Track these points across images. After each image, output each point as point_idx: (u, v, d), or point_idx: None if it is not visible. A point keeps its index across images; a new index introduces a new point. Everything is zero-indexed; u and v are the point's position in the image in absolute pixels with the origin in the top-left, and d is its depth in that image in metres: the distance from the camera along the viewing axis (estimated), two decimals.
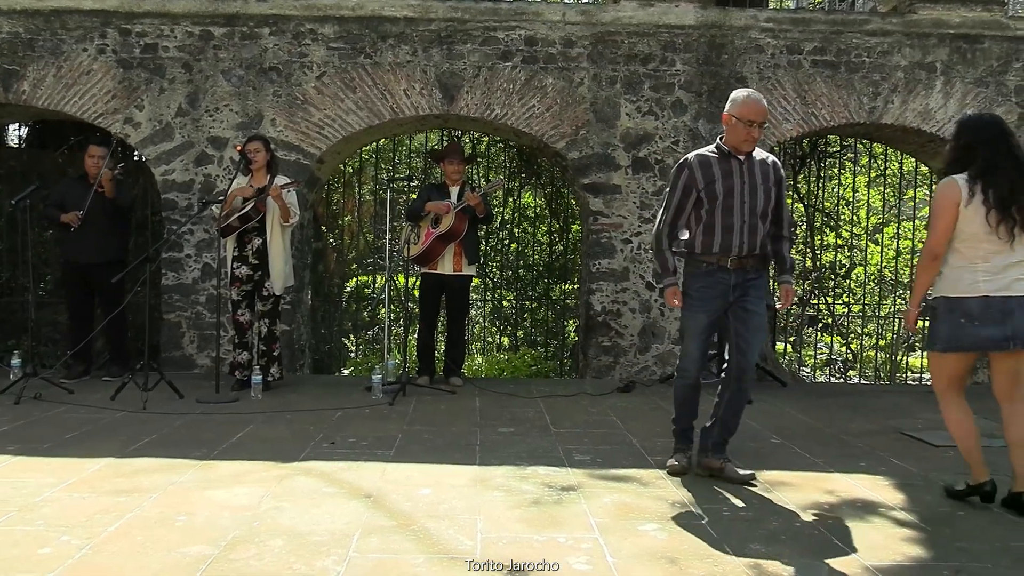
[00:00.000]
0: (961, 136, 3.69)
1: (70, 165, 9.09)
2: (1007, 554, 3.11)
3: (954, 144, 3.72)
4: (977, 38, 7.30)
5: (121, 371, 6.58)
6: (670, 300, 4.14)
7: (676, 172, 4.09)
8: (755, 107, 3.99)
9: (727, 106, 4.07)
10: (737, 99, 4.04)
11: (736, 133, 4.02)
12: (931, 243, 3.64)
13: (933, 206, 3.67)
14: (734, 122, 4.01)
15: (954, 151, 3.70)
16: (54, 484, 3.76)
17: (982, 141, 3.62)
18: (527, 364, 10.33)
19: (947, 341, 3.67)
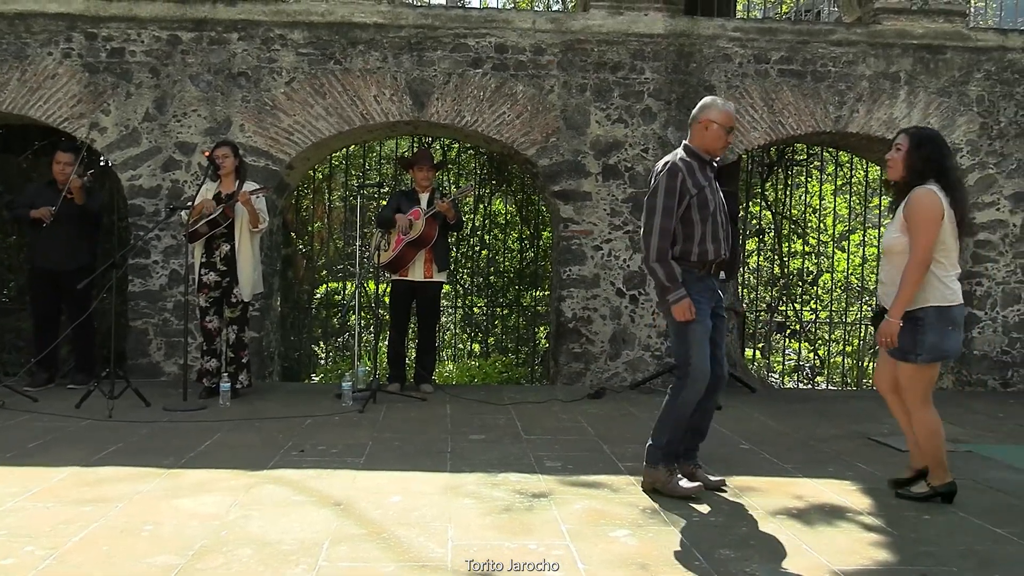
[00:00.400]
0: (923, 147, 3.77)
1: (34, 170, 8.95)
2: (972, 557, 3.16)
3: (919, 155, 3.77)
4: (939, 48, 7.44)
5: (86, 379, 6.48)
6: (684, 314, 3.80)
7: (668, 177, 3.86)
8: (731, 114, 4.02)
9: (703, 112, 4.00)
10: (716, 105, 4.01)
11: (717, 139, 3.98)
12: (925, 253, 3.70)
13: (921, 216, 3.70)
14: (715, 128, 3.96)
15: (922, 162, 3.76)
16: (18, 493, 3.70)
17: (946, 155, 3.80)
18: (498, 371, 10.33)
19: (936, 351, 3.76)
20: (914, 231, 3.71)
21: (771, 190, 11.35)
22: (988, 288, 7.56)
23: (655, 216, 3.85)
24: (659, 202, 3.86)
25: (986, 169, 7.49)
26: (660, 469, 3.91)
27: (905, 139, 3.83)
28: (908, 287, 3.70)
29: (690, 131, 4.06)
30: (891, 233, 3.85)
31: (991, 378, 7.55)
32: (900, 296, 3.72)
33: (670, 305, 3.83)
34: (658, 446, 3.93)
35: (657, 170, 3.98)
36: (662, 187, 3.86)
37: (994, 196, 7.52)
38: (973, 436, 5.47)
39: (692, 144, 4.03)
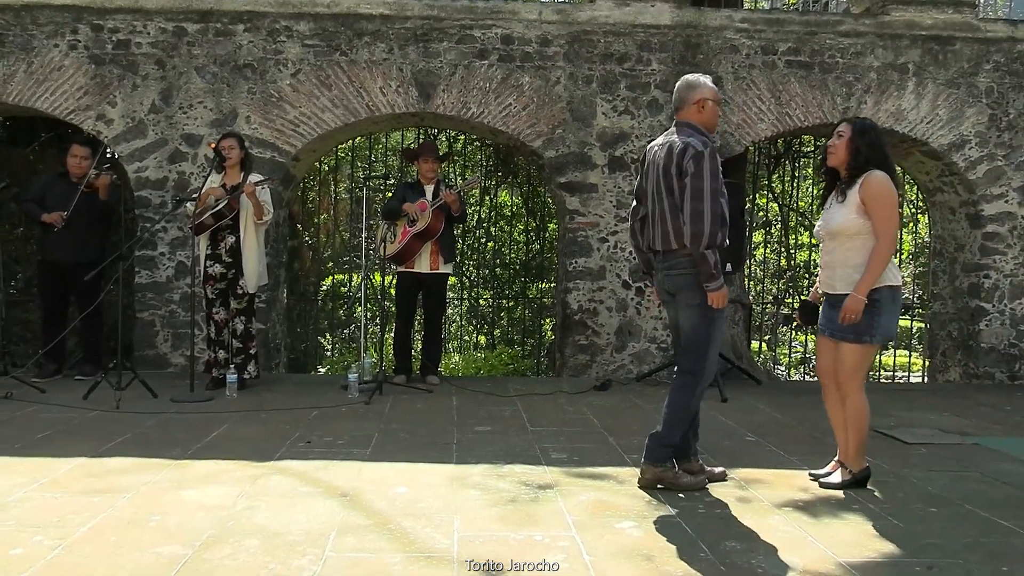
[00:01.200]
0: (867, 135, 3.87)
1: (41, 162, 8.97)
2: (979, 549, 3.15)
3: (863, 141, 3.85)
4: (949, 40, 7.39)
5: (94, 370, 6.51)
6: (723, 300, 3.73)
7: (712, 159, 3.69)
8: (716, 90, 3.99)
9: (695, 91, 3.89)
10: (705, 83, 3.93)
11: (714, 115, 3.92)
12: (894, 235, 3.81)
13: (887, 200, 3.79)
14: (711, 105, 3.89)
15: (866, 147, 3.84)
16: (26, 484, 3.71)
17: (885, 143, 3.94)
18: (504, 363, 10.34)
19: (887, 332, 3.86)
20: (882, 214, 3.78)
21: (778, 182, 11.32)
22: (996, 280, 7.53)
23: (704, 200, 3.66)
24: (706, 184, 3.66)
25: (995, 161, 7.45)
26: (667, 467, 3.86)
27: (847, 127, 3.91)
28: (879, 266, 3.77)
29: (681, 114, 3.93)
30: (842, 215, 3.86)
31: (998, 371, 7.53)
32: (869, 275, 3.76)
33: (710, 292, 3.70)
34: (669, 443, 3.85)
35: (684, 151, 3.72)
36: (707, 168, 3.67)
37: (1003, 188, 7.48)
38: (980, 429, 5.46)
39: (694, 123, 3.89)
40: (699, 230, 3.66)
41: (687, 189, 3.69)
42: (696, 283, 3.76)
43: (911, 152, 7.81)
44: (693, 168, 3.68)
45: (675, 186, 3.76)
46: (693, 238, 3.68)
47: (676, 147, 3.77)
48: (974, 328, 7.58)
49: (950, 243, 7.97)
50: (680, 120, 3.93)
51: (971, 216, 7.63)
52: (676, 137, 3.83)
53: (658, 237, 3.88)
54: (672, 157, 3.77)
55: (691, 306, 3.81)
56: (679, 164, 3.73)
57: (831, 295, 3.94)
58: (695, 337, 3.83)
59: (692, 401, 3.85)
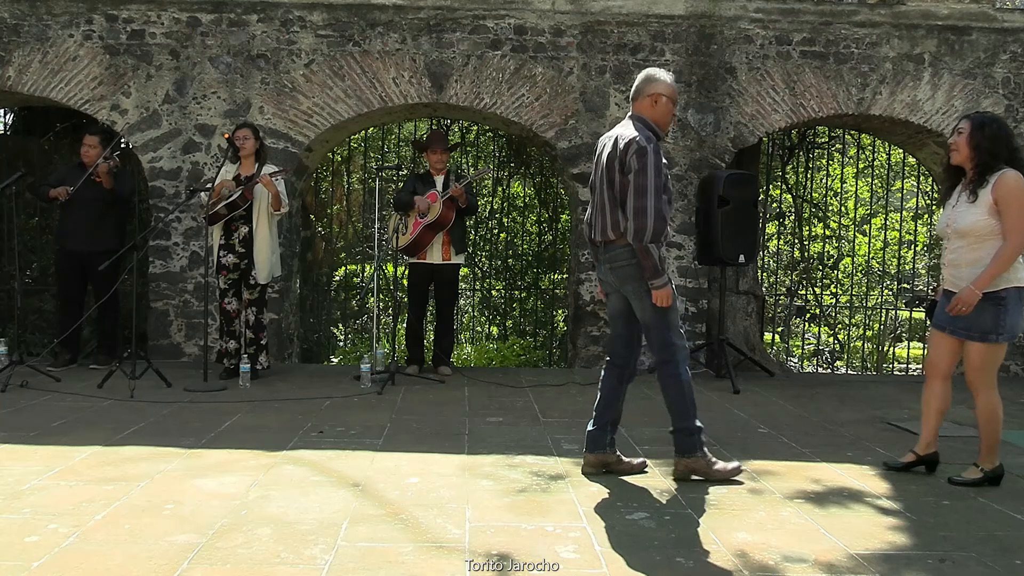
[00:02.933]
0: (987, 127, 3.79)
1: (56, 152, 9.03)
2: (992, 543, 3.14)
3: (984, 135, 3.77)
4: (965, 29, 7.33)
5: (109, 359, 6.55)
6: (668, 300, 3.73)
7: (655, 154, 3.69)
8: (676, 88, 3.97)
9: (651, 85, 3.86)
10: (664, 79, 3.89)
11: (667, 113, 3.90)
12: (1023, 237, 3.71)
13: (1019, 200, 3.71)
14: (664, 101, 3.87)
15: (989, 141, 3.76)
16: (41, 472, 3.75)
17: (1011, 135, 3.86)
18: (516, 353, 10.34)
19: (1014, 331, 3.80)
20: (1014, 214, 3.71)
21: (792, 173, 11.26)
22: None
23: (647, 196, 3.66)
24: (650, 180, 3.66)
25: None
26: (698, 456, 3.83)
27: (967, 123, 3.85)
28: (1001, 266, 3.72)
29: (635, 106, 3.90)
30: (973, 215, 3.79)
31: (1013, 363, 7.48)
32: (989, 272, 3.72)
33: (654, 289, 3.70)
34: (690, 431, 3.83)
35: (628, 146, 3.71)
36: (651, 164, 3.67)
37: None
38: None
39: (645, 117, 3.86)
40: (641, 224, 3.66)
41: (630, 185, 3.69)
42: (639, 273, 3.76)
43: (926, 143, 7.75)
44: (636, 164, 3.67)
45: (616, 179, 3.76)
46: (635, 234, 3.67)
47: (622, 140, 3.77)
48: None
49: None
50: (633, 113, 3.92)
51: None
52: (624, 130, 3.83)
53: (598, 228, 3.89)
54: (616, 151, 3.77)
55: (642, 295, 3.79)
56: (622, 159, 3.73)
57: (952, 293, 3.88)
58: (654, 327, 3.83)
59: (682, 384, 3.85)
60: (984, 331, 3.79)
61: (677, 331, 3.86)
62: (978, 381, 3.89)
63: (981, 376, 3.87)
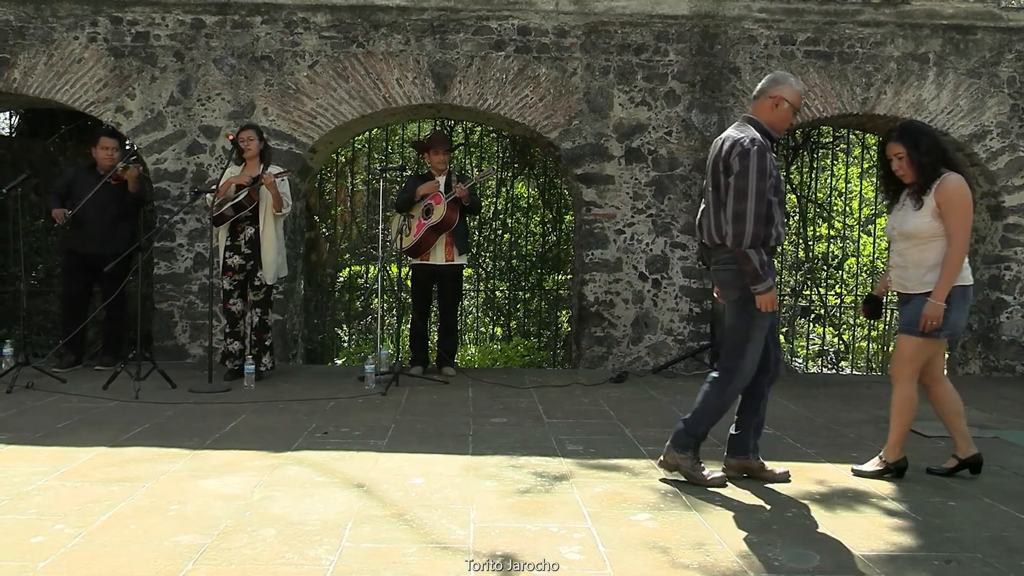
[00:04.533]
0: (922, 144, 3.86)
1: (61, 154, 9.05)
2: (999, 543, 3.13)
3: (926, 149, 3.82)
4: (970, 29, 7.31)
5: (113, 360, 6.56)
6: (771, 304, 3.63)
7: (759, 156, 3.58)
8: (802, 94, 3.91)
9: (775, 87, 3.81)
10: (790, 81, 3.83)
11: (785, 119, 3.83)
12: (967, 239, 3.86)
13: (962, 203, 3.81)
14: (786, 107, 3.81)
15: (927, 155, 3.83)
16: (46, 473, 3.75)
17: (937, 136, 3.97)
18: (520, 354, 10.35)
19: (955, 328, 3.89)
20: (956, 218, 3.81)
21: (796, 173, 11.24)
22: (1017, 272, 7.45)
23: (748, 199, 3.55)
24: (751, 184, 3.56)
25: (1016, 152, 7.36)
26: (688, 456, 3.82)
27: (900, 147, 3.88)
28: (953, 270, 3.81)
29: (755, 105, 3.86)
30: (918, 219, 3.86)
31: (1019, 364, 7.46)
32: (944, 279, 3.80)
33: (758, 294, 3.60)
34: (693, 435, 3.80)
35: (732, 148, 3.63)
36: (754, 167, 3.56)
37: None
38: (1000, 422, 5.41)
39: (759, 120, 3.81)
40: (740, 229, 3.56)
41: (731, 188, 3.61)
42: (735, 280, 3.70)
43: None
44: (738, 166, 3.59)
45: (721, 182, 3.69)
46: (734, 238, 3.59)
47: (727, 142, 3.69)
48: (995, 321, 7.51)
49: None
50: (747, 115, 3.86)
51: (992, 207, 7.55)
52: (732, 132, 3.75)
53: (705, 231, 3.86)
54: (722, 152, 3.70)
55: (730, 302, 3.77)
56: (725, 160, 3.66)
57: (903, 294, 3.96)
58: (733, 334, 3.78)
59: (724, 397, 3.79)
60: (911, 323, 3.88)
61: (755, 349, 3.74)
62: (902, 372, 3.97)
63: (907, 368, 3.95)
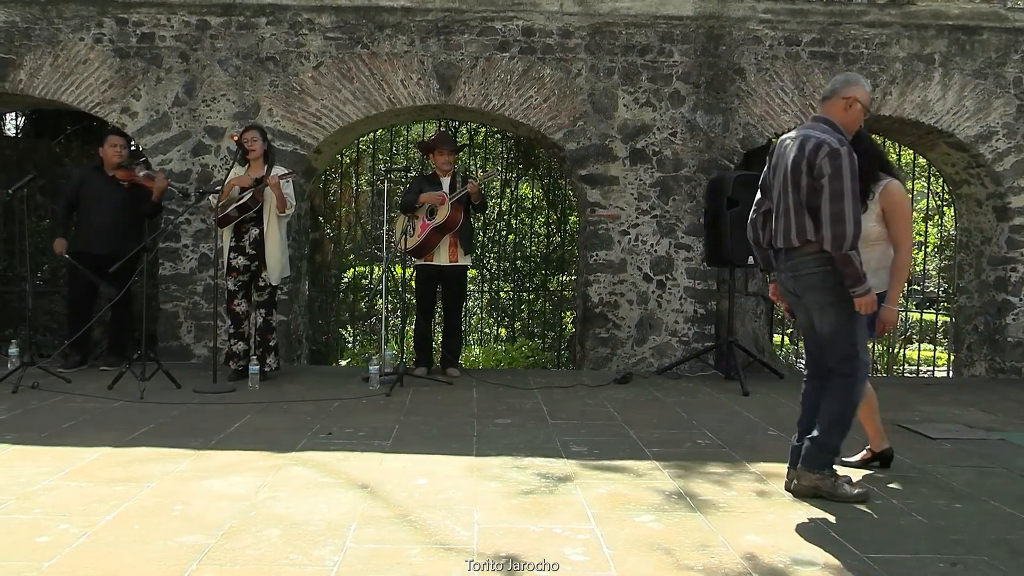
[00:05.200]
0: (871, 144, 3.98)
1: (67, 155, 9.07)
2: (1003, 546, 3.12)
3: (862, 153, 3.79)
4: (976, 29, 7.29)
5: (119, 361, 6.57)
6: (871, 306, 3.57)
7: (851, 158, 3.52)
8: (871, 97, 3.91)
9: (849, 87, 3.74)
10: (861, 82, 3.79)
11: (856, 120, 3.77)
12: (911, 245, 3.98)
13: (904, 210, 4.00)
14: (858, 108, 3.75)
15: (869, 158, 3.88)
16: (51, 473, 3.76)
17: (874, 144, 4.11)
18: (524, 355, 10.34)
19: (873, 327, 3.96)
20: (902, 224, 3.94)
21: None
22: (1023, 274, 7.43)
23: (845, 201, 3.48)
24: (847, 185, 3.49)
25: (1022, 153, 7.34)
26: (826, 474, 3.66)
27: None
28: (901, 275, 3.97)
29: (826, 105, 3.79)
30: (865, 222, 3.83)
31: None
32: (895, 286, 3.92)
33: (857, 296, 3.53)
34: (828, 450, 3.65)
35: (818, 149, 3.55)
36: (847, 169, 3.49)
37: None
38: (1006, 424, 5.39)
39: (833, 120, 3.73)
40: (840, 231, 3.47)
41: (825, 190, 3.52)
42: (825, 283, 3.60)
43: (937, 144, 7.71)
44: (830, 168, 3.50)
45: (802, 183, 3.59)
46: (834, 240, 3.50)
47: (809, 143, 3.60)
48: (1000, 322, 7.49)
49: (976, 236, 7.87)
50: (819, 115, 3.78)
51: (998, 208, 7.53)
52: (811, 132, 3.67)
53: (779, 233, 3.72)
54: (804, 153, 3.60)
55: (825, 307, 3.65)
56: (811, 162, 3.56)
57: None
58: (838, 338, 3.66)
59: (851, 402, 3.69)
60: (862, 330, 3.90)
61: (863, 345, 3.70)
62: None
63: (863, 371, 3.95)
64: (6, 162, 8.74)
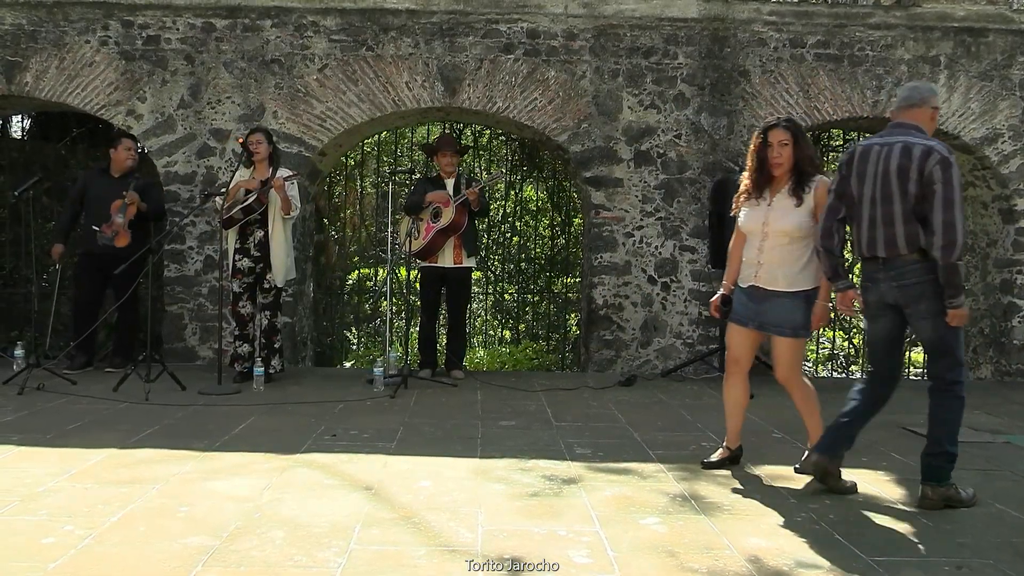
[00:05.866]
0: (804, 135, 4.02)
1: (72, 156, 9.10)
2: (1009, 549, 3.11)
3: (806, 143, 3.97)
4: (981, 31, 7.28)
5: (124, 362, 6.58)
6: (966, 318, 3.59)
7: (956, 166, 3.52)
8: None
9: (934, 97, 3.75)
10: (936, 91, 3.81)
11: (933, 131, 3.76)
12: None
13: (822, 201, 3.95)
14: (937, 119, 3.79)
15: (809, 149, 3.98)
16: (57, 474, 3.77)
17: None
18: (528, 357, 10.33)
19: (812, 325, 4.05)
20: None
21: None
22: None
23: (956, 209, 3.45)
24: (958, 194, 3.47)
25: None
26: (952, 484, 3.63)
27: (786, 134, 3.94)
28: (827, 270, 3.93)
29: (913, 112, 3.72)
30: (799, 217, 3.92)
31: None
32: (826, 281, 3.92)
33: (955, 308, 3.50)
34: (952, 457, 3.63)
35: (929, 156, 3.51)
36: (957, 177, 3.48)
37: None
38: (1012, 427, 5.38)
39: (923, 128, 3.69)
40: (952, 240, 3.43)
41: (937, 197, 3.46)
42: (935, 291, 3.54)
43: None
44: (942, 176, 3.47)
45: (910, 190, 3.53)
46: (945, 249, 3.44)
47: (916, 149, 3.54)
48: (1006, 325, 7.47)
49: (982, 238, 7.86)
50: (905, 121, 3.70)
51: (1004, 211, 7.51)
52: (910, 138, 3.61)
53: (880, 242, 3.63)
54: (912, 159, 3.53)
55: (935, 315, 3.57)
56: (921, 168, 3.51)
57: (767, 290, 3.99)
58: (946, 345, 3.62)
59: (962, 411, 3.67)
60: (796, 326, 3.96)
61: (963, 350, 3.69)
62: (793, 375, 4.09)
63: (795, 370, 4.08)
64: (12, 164, 8.76)
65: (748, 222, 4.07)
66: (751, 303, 4.05)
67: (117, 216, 6.50)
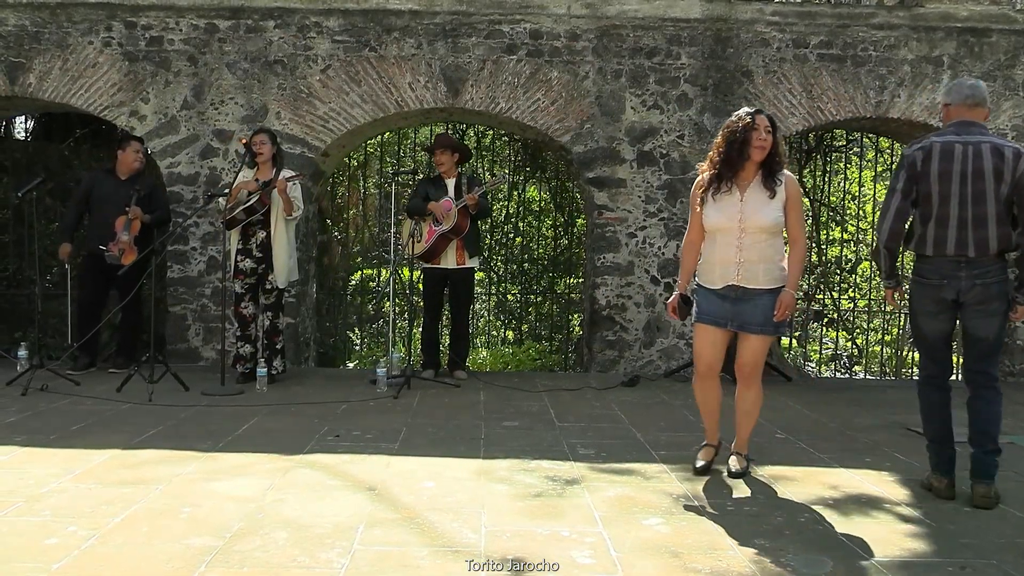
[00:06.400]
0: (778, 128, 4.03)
1: (76, 157, 9.11)
2: (1013, 550, 3.10)
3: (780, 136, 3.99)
4: (985, 32, 7.27)
5: (127, 363, 6.60)
6: None
7: None
8: None
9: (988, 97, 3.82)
10: None
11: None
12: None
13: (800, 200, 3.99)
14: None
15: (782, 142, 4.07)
16: (60, 475, 3.77)
17: None
18: (531, 358, 10.34)
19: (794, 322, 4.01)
20: (800, 215, 3.96)
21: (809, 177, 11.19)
22: None
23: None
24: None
25: None
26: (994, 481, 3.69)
27: (768, 122, 3.92)
28: (802, 267, 3.97)
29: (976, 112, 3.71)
30: (774, 212, 3.88)
31: None
32: (795, 275, 3.93)
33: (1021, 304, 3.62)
34: (1000, 452, 3.71)
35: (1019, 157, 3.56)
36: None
37: None
38: (1015, 428, 5.37)
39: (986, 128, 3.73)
40: None
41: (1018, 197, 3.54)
42: (1005, 291, 3.62)
43: None
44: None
45: (1003, 192, 3.55)
46: None
47: (1008, 151, 3.57)
48: (1010, 326, 7.44)
49: None
50: (975, 121, 3.69)
51: None
52: (996, 140, 3.63)
53: (971, 243, 3.60)
54: (1005, 160, 3.55)
55: (999, 314, 3.66)
56: (1014, 170, 3.53)
57: (747, 289, 3.91)
58: (1000, 343, 3.74)
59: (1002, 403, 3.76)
60: (778, 326, 3.95)
61: None
62: (756, 373, 4.07)
63: (758, 369, 4.06)
64: (16, 165, 8.78)
65: (721, 219, 3.92)
66: (726, 304, 3.96)
67: (122, 234, 6.46)
